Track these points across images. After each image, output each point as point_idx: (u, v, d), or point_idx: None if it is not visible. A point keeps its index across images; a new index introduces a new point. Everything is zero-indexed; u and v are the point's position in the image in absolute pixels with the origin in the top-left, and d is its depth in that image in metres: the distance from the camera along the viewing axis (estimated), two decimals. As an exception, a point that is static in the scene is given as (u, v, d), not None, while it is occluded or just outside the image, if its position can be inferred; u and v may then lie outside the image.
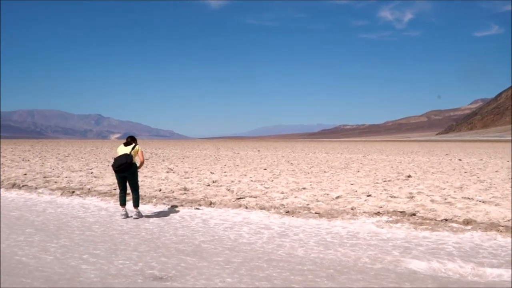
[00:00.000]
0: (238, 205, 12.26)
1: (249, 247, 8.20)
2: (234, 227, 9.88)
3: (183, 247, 8.15)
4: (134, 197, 10.99)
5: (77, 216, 11.13)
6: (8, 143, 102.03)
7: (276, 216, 11.10)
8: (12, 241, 8.51)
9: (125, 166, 10.79)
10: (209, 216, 11.07)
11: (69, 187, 15.90)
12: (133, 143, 11.18)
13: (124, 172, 10.87)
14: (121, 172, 10.87)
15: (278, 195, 13.91)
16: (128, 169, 10.83)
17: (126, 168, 10.80)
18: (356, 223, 10.31)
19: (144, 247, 8.17)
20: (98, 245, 8.24)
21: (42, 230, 9.52)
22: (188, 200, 13.04)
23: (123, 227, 9.88)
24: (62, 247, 8.08)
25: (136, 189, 11.03)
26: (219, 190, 15.04)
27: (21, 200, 13.56)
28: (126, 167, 10.80)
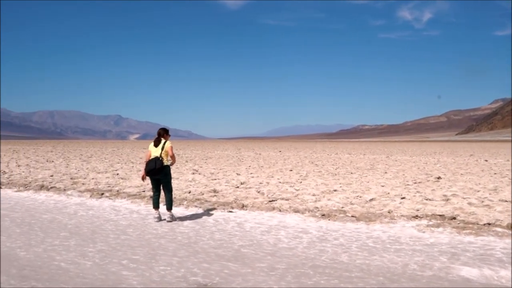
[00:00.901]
0: (271, 208, 12.03)
1: (290, 252, 7.96)
2: (271, 231, 9.64)
3: (223, 252, 7.94)
4: (167, 199, 10.80)
5: (109, 219, 10.97)
6: (30, 144, 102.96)
7: (312, 219, 10.85)
8: (48, 245, 8.36)
9: (156, 171, 10.61)
10: (243, 219, 10.85)
11: (97, 189, 15.78)
12: (164, 140, 10.86)
13: (156, 175, 10.69)
14: (153, 175, 10.70)
15: (310, 198, 13.65)
16: (159, 172, 10.64)
17: (157, 172, 10.61)
18: (395, 227, 10.02)
19: (183, 252, 7.96)
20: (136, 250, 8.05)
21: (77, 233, 9.36)
22: (220, 203, 12.83)
23: (158, 230, 9.70)
24: (99, 252, 7.91)
25: (169, 192, 10.83)
26: (249, 192, 14.83)
27: (51, 202, 13.45)
28: (157, 171, 10.61)
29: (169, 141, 11.06)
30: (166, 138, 11.02)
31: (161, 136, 10.97)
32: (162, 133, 10.99)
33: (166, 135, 11.05)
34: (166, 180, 10.73)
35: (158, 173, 10.63)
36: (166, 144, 10.81)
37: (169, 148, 10.83)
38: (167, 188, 10.79)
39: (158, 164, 10.62)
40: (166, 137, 11.01)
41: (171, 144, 10.91)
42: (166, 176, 10.70)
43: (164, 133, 11.02)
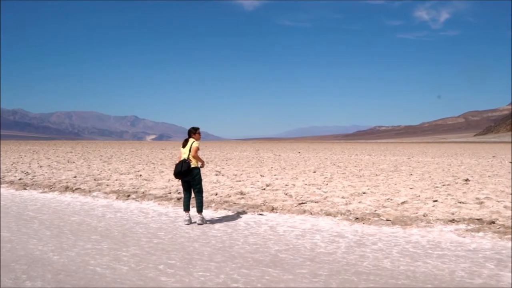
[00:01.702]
0: (302, 211, 11.78)
1: (330, 258, 7.71)
2: (305, 235, 9.40)
3: (260, 257, 7.70)
4: (197, 202, 10.58)
5: (139, 221, 10.79)
6: (48, 144, 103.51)
7: (345, 223, 10.59)
8: (81, 249, 8.19)
9: (183, 174, 10.39)
10: (275, 223, 10.62)
11: (122, 190, 15.63)
12: (193, 139, 10.58)
13: (183, 178, 10.47)
14: (180, 178, 10.49)
15: (339, 200, 13.38)
16: (186, 175, 10.42)
17: (183, 175, 10.40)
18: (433, 231, 9.72)
19: (219, 256, 7.74)
20: (171, 254, 7.85)
21: (108, 236, 9.19)
22: (249, 205, 12.61)
23: (190, 234, 9.49)
24: (134, 256, 7.71)
25: (199, 194, 10.57)
26: (277, 195, 14.59)
27: (77, 204, 13.32)
28: (184, 173, 10.40)
29: (197, 140, 10.71)
30: (195, 137, 10.67)
31: (190, 136, 10.69)
32: (191, 133, 10.70)
33: (194, 134, 10.70)
34: (195, 182, 10.49)
35: (184, 175, 10.41)
36: (193, 144, 10.53)
37: (193, 148, 10.52)
38: (197, 190, 10.55)
39: (184, 166, 10.40)
40: (195, 137, 10.68)
41: (197, 144, 10.53)
42: (194, 179, 10.45)
43: (192, 132, 10.70)
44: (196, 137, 10.68)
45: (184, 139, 10.72)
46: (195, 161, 10.43)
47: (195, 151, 10.44)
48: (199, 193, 10.54)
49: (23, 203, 13.54)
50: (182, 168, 10.34)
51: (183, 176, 10.39)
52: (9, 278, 6.53)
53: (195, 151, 10.44)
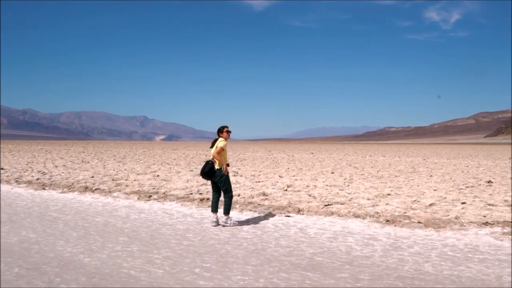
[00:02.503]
0: (329, 213, 11.54)
1: (368, 261, 7.47)
2: (337, 237, 9.16)
3: (297, 261, 7.47)
4: (224, 203, 10.34)
5: (164, 223, 10.58)
6: (60, 144, 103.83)
7: (376, 225, 10.34)
8: (111, 251, 7.99)
9: (206, 174, 10.17)
10: (304, 225, 10.39)
11: (143, 191, 15.44)
12: (221, 139, 10.28)
13: (209, 178, 10.25)
14: (207, 178, 10.26)
15: (365, 202, 13.13)
16: (210, 176, 10.19)
17: (208, 175, 10.17)
18: (468, 234, 9.46)
19: (254, 260, 7.51)
20: (204, 257, 7.63)
21: (136, 238, 8.99)
22: (274, 207, 12.38)
23: (219, 236, 9.27)
24: (166, 259, 7.50)
25: (226, 195, 10.31)
26: (300, 196, 14.35)
27: (98, 205, 13.13)
28: (208, 174, 10.17)
29: (226, 139, 10.36)
30: (223, 136, 10.31)
31: (218, 135, 10.41)
32: (218, 131, 10.39)
33: (222, 133, 10.34)
34: (221, 183, 10.23)
35: (209, 176, 10.19)
36: (218, 144, 10.25)
37: (216, 148, 10.23)
38: (224, 191, 10.29)
39: (207, 167, 10.17)
40: (222, 135, 10.32)
41: (221, 145, 10.12)
42: (220, 180, 10.19)
43: (220, 131, 10.38)
44: (224, 136, 10.31)
45: (214, 138, 10.45)
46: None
47: (216, 151, 10.15)
48: (225, 195, 10.30)
49: (44, 203, 13.37)
50: (205, 168, 10.13)
51: (207, 177, 10.18)
52: (42, 281, 6.34)
53: (216, 151, 10.15)
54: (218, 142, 10.16)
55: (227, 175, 10.16)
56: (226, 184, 10.18)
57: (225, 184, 10.17)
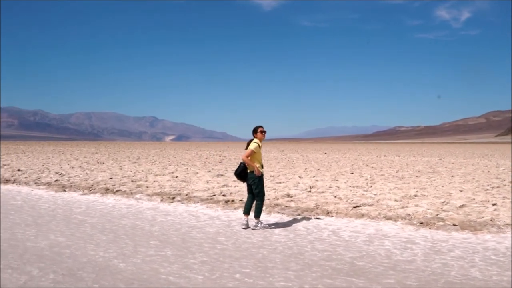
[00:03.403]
0: (360, 215, 11.30)
1: (411, 266, 7.22)
2: (373, 241, 8.91)
3: (338, 266, 7.23)
4: (255, 206, 10.10)
5: (193, 225, 10.38)
6: (71, 145, 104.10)
7: (410, 227, 10.09)
8: (145, 255, 7.78)
9: (238, 176, 9.96)
10: (335, 227, 10.15)
11: (165, 192, 15.24)
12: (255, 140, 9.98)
13: (242, 180, 10.03)
14: (241, 180, 10.04)
15: (394, 203, 12.87)
16: (242, 178, 9.98)
17: (242, 177, 9.96)
18: (508, 237, 9.19)
19: (294, 264, 7.28)
20: (242, 262, 7.41)
21: (167, 242, 8.78)
22: (302, 209, 12.16)
23: (252, 239, 9.05)
24: (203, 264, 7.28)
25: (257, 198, 10.04)
26: (326, 197, 14.11)
27: (122, 207, 12.95)
28: (239, 176, 9.96)
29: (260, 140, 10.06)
30: (257, 137, 10.01)
31: (253, 136, 10.12)
32: (253, 132, 10.10)
33: (256, 133, 10.04)
34: (254, 186, 10.00)
35: (242, 178, 9.98)
36: (250, 146, 10.00)
37: (246, 151, 9.94)
38: (256, 194, 10.04)
39: (240, 169, 9.98)
40: (256, 136, 10.02)
41: (252, 147, 9.79)
42: (253, 182, 9.96)
43: (253, 132, 10.09)
44: (258, 137, 10.02)
45: (249, 139, 10.19)
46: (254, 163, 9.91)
47: (246, 154, 9.85)
48: (257, 197, 10.04)
49: (67, 205, 13.20)
50: (238, 170, 9.93)
51: (241, 179, 9.97)
52: (80, 288, 6.13)
53: (246, 154, 9.85)
54: (251, 144, 9.91)
55: (260, 178, 9.88)
56: (259, 187, 9.91)
57: (257, 187, 9.91)
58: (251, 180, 9.86)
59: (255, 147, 9.79)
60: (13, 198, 14.69)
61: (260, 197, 9.96)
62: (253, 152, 9.76)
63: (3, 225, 10.35)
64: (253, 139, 10.01)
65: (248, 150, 9.80)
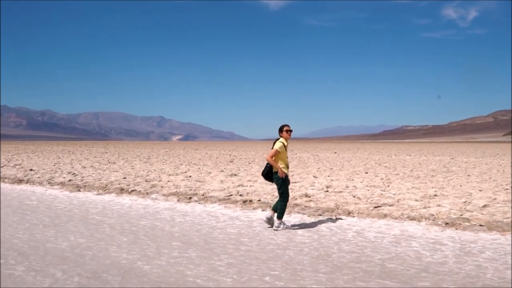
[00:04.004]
0: (382, 215, 11.08)
1: (444, 268, 7.01)
2: (400, 242, 8.71)
3: (368, 268, 7.03)
4: (278, 207, 9.88)
5: (213, 226, 10.19)
6: (80, 145, 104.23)
7: (435, 228, 9.87)
8: (169, 257, 7.60)
9: (267, 177, 9.79)
10: (359, 228, 9.94)
11: (180, 192, 15.08)
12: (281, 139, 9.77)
13: (268, 180, 9.87)
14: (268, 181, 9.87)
15: (415, 203, 12.65)
16: (268, 178, 9.80)
17: (268, 177, 9.79)
18: (537, 238, 8.95)
19: (323, 266, 7.08)
20: (269, 264, 7.22)
21: (190, 243, 8.60)
22: (323, 209, 11.96)
23: (275, 240, 8.86)
24: (230, 266, 7.09)
25: (280, 199, 9.81)
26: (344, 197, 13.91)
27: (139, 207, 12.78)
28: (268, 177, 9.79)
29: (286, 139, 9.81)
30: (283, 136, 9.77)
31: (279, 135, 9.88)
32: (279, 131, 9.86)
33: (281, 132, 9.80)
34: (277, 186, 9.81)
35: (268, 179, 9.81)
36: (274, 146, 9.80)
37: (271, 151, 9.76)
38: (279, 194, 9.86)
39: (266, 169, 9.84)
40: (281, 135, 9.78)
41: (277, 146, 9.59)
42: (277, 182, 9.77)
43: (279, 131, 9.85)
44: (283, 136, 9.79)
45: (276, 138, 9.98)
46: (278, 164, 9.70)
47: (270, 154, 9.68)
48: (280, 198, 9.83)
49: (83, 205, 13.05)
50: (264, 171, 9.79)
51: (267, 179, 9.81)
52: (107, 291, 5.96)
53: (270, 154, 9.68)
54: (276, 143, 9.71)
55: (283, 179, 9.65)
56: (282, 187, 9.69)
57: (280, 188, 9.71)
58: (275, 180, 9.67)
59: (280, 146, 9.59)
60: (28, 198, 14.55)
61: (283, 198, 9.75)
62: (278, 152, 9.57)
63: (21, 225, 10.21)
64: (279, 139, 9.80)
65: (273, 150, 9.62)
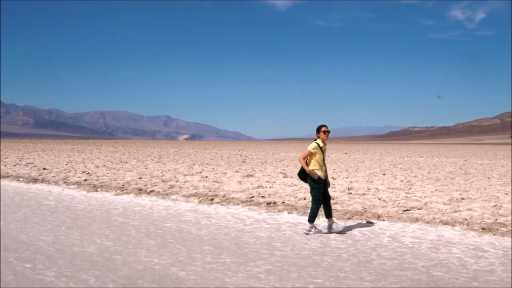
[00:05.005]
0: (414, 219, 10.74)
1: (494, 277, 6.67)
2: (439, 248, 8.37)
3: (415, 276, 6.69)
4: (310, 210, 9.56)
5: (241, 229, 9.88)
6: (88, 144, 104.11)
7: (472, 233, 9.52)
8: (203, 263, 7.28)
9: (302, 178, 9.49)
10: (393, 232, 9.60)
11: (200, 193, 14.78)
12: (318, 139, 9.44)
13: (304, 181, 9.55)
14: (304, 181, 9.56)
15: (444, 207, 12.31)
16: (305, 178, 9.48)
17: (303, 179, 9.48)
18: None
19: (366, 274, 6.75)
20: (310, 271, 6.89)
21: (221, 248, 8.29)
22: (351, 212, 11.64)
23: (310, 245, 8.53)
24: (270, 273, 6.76)
25: (312, 201, 9.53)
26: (370, 200, 13.58)
27: (160, 208, 12.49)
28: (302, 178, 9.48)
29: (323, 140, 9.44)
30: (320, 137, 9.42)
31: (317, 135, 9.52)
32: (316, 131, 9.49)
33: (318, 133, 9.44)
34: (310, 188, 9.50)
35: (303, 179, 9.51)
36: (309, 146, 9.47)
37: (304, 152, 9.47)
38: (311, 197, 9.55)
39: (301, 168, 9.52)
40: (318, 136, 9.44)
41: (310, 147, 9.30)
42: (310, 184, 9.45)
43: (316, 131, 9.48)
44: (321, 137, 9.43)
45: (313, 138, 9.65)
46: (312, 165, 9.36)
47: (301, 155, 9.42)
48: (312, 200, 9.54)
49: (103, 206, 12.77)
50: (299, 171, 9.49)
51: (302, 179, 9.51)
52: (145, 300, 5.64)
53: (301, 155, 9.42)
54: (311, 144, 9.39)
55: (316, 181, 9.31)
56: (313, 190, 9.38)
57: (312, 190, 9.41)
58: (308, 182, 9.36)
59: (313, 147, 9.27)
60: (46, 198, 14.28)
61: (313, 201, 9.42)
62: (310, 153, 9.24)
63: (43, 227, 9.94)
64: (316, 139, 9.48)
65: (305, 150, 9.31)
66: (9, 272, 6.65)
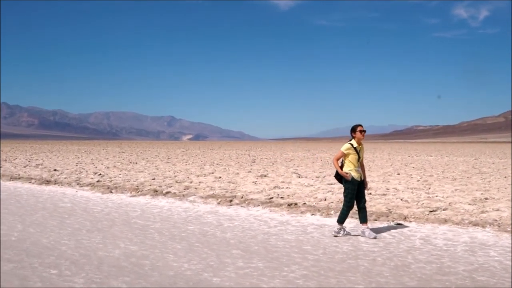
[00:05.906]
0: (442, 220, 10.47)
1: (541, 283, 6.37)
2: (475, 250, 8.09)
3: (459, 281, 6.42)
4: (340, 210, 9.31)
5: (266, 232, 9.63)
6: (93, 144, 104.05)
7: (506, 235, 9.25)
8: (235, 268, 7.02)
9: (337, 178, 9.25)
10: (423, 234, 9.33)
11: (217, 194, 14.53)
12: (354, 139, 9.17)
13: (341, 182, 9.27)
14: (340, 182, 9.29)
15: (469, 207, 12.03)
16: (338, 180, 9.23)
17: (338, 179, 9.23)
18: None
19: (408, 279, 6.48)
20: (348, 276, 6.63)
21: (250, 252, 8.03)
22: (377, 213, 11.36)
23: (341, 248, 8.27)
24: (306, 278, 6.50)
25: (343, 202, 9.25)
26: (392, 200, 13.33)
27: (179, 210, 12.25)
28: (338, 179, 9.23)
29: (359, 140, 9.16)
30: (355, 137, 9.13)
31: (351, 135, 9.26)
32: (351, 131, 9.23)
33: (354, 133, 9.14)
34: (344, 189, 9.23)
35: (338, 180, 9.25)
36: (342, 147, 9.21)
37: (338, 152, 9.23)
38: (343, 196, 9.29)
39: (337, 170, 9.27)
40: (354, 136, 9.15)
41: (342, 148, 9.08)
42: (343, 184, 9.18)
43: (351, 131, 9.21)
44: (356, 137, 9.12)
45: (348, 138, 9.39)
46: (347, 166, 9.10)
47: (335, 156, 9.19)
48: (343, 201, 9.26)
49: (120, 208, 12.52)
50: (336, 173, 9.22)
51: (338, 180, 9.24)
52: (183, 308, 5.38)
53: (335, 156, 9.19)
54: (344, 145, 9.13)
55: (349, 183, 9.02)
56: (346, 191, 9.10)
57: (344, 191, 9.13)
58: (343, 182, 9.09)
59: (346, 148, 9.00)
60: (61, 200, 14.04)
61: (345, 203, 9.16)
62: (343, 154, 8.98)
63: (63, 230, 9.70)
64: (351, 140, 9.20)
65: (339, 151, 9.05)
66: (36, 279, 6.40)
